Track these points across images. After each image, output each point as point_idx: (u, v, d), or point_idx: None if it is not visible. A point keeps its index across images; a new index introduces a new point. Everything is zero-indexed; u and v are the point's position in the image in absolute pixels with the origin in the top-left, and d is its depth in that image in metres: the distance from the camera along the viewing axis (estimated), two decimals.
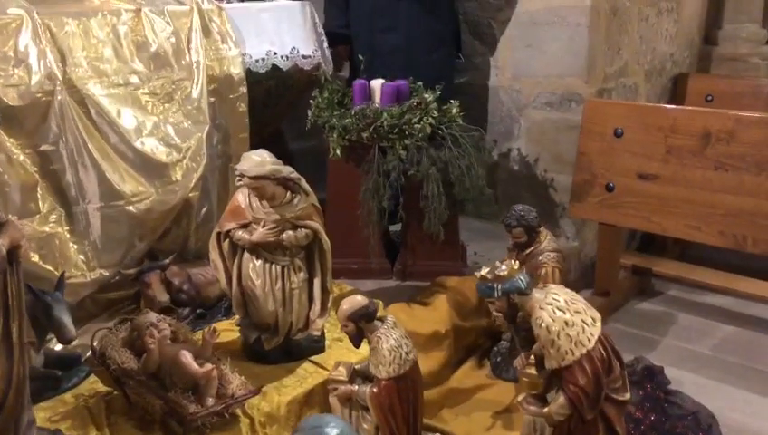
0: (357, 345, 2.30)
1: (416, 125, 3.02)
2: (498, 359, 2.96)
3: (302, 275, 2.58)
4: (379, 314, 2.29)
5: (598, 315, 1.92)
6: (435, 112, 3.03)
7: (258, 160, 2.37)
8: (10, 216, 1.85)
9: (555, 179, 3.82)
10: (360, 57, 3.35)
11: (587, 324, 1.87)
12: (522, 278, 1.92)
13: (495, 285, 1.92)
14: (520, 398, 2.00)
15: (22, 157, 2.48)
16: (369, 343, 2.28)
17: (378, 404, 2.21)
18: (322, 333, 2.69)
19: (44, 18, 2.54)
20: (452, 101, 3.25)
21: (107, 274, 2.73)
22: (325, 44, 3.39)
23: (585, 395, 1.84)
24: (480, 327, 3.12)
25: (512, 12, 3.79)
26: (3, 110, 2.41)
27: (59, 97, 2.50)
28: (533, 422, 2.06)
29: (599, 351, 1.87)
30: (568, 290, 1.97)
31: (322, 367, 2.55)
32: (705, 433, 2.45)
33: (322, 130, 3.11)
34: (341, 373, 2.34)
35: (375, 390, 2.22)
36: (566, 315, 1.86)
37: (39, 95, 2.47)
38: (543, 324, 1.86)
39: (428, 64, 3.50)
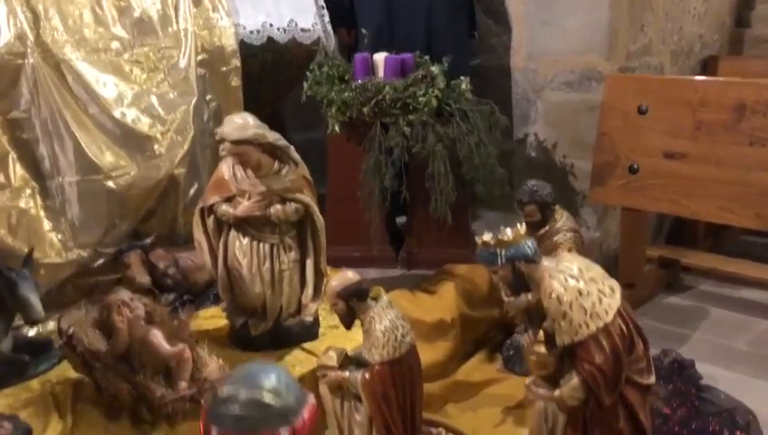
0: (348, 326, 2.07)
1: (420, 98, 2.80)
2: (511, 352, 2.70)
3: (292, 254, 2.36)
4: (374, 294, 2.07)
5: (617, 285, 1.67)
6: (441, 84, 2.79)
7: (240, 123, 2.16)
8: None
9: (575, 165, 3.56)
10: (364, 31, 3.14)
11: (604, 295, 1.62)
12: (529, 244, 1.67)
13: (499, 251, 1.68)
14: (528, 380, 1.74)
15: None
16: (362, 324, 2.05)
17: (370, 392, 1.97)
18: (316, 319, 2.46)
19: None
20: (462, 77, 3.03)
21: (85, 254, 2.54)
22: (326, 18, 3.19)
23: (602, 375, 1.58)
24: (491, 318, 2.87)
25: None
26: None
27: (30, 60, 2.34)
28: (544, 411, 1.80)
29: (618, 325, 1.62)
30: (583, 258, 1.72)
31: (314, 355, 2.31)
32: (742, 431, 2.16)
33: (320, 105, 2.90)
34: (331, 358, 2.09)
35: (367, 376, 1.98)
36: (580, 284, 1.61)
37: (8, 57, 2.30)
38: (554, 295, 1.61)
39: (448, 32, 3.31)
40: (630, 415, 1.67)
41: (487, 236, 1.70)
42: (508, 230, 1.69)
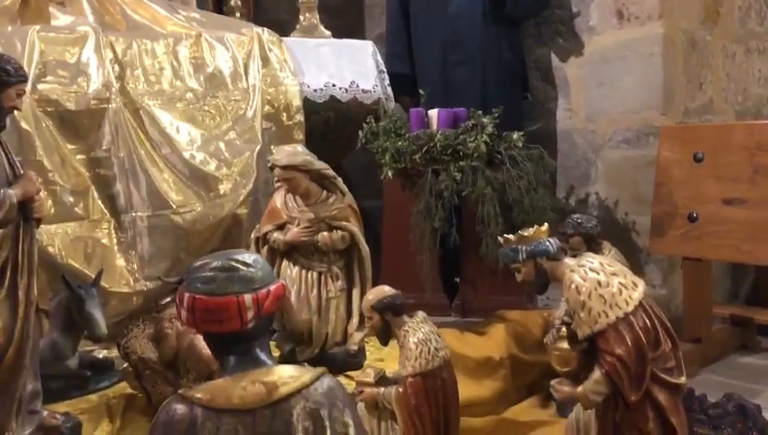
0: (383, 342, 2.11)
1: (470, 144, 2.90)
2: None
3: (339, 283, 2.46)
4: None
5: (641, 282, 1.65)
6: (490, 129, 2.90)
7: (290, 151, 2.34)
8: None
9: (637, 222, 3.52)
10: (422, 91, 3.32)
11: (625, 287, 1.61)
12: (550, 241, 1.70)
13: (520, 247, 1.71)
14: (553, 382, 1.72)
15: (75, 161, 2.58)
16: (398, 340, 2.08)
17: (404, 405, 1.98)
18: (361, 349, 2.51)
19: (109, 36, 2.72)
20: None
21: (151, 286, 2.71)
22: (386, 81, 3.40)
23: (624, 366, 1.55)
24: (545, 364, 2.80)
25: (582, 52, 3.69)
26: (61, 114, 2.55)
27: (113, 106, 2.62)
28: (576, 424, 1.76)
29: (641, 318, 1.59)
30: (610, 259, 1.73)
31: None
32: None
33: (377, 161, 3.05)
34: (369, 375, 2.13)
35: (401, 389, 2.00)
36: (599, 276, 1.62)
37: (95, 102, 2.59)
38: (573, 286, 1.62)
39: (501, 97, 3.43)
40: (661, 417, 1.60)
41: (508, 235, 1.74)
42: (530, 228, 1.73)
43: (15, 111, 2.05)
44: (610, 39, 3.54)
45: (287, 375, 1.14)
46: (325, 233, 2.40)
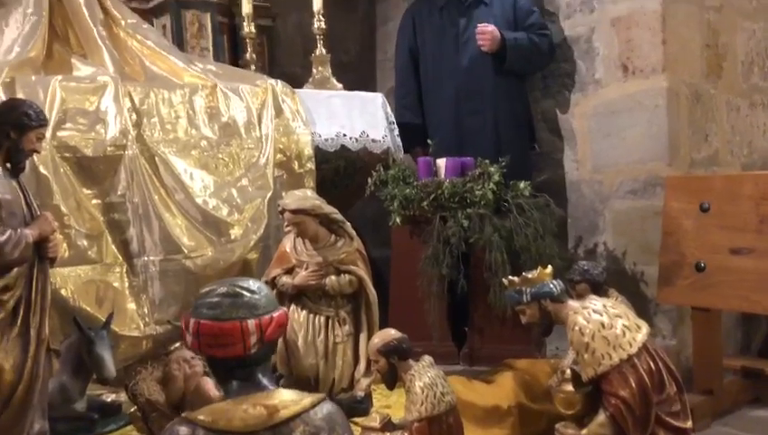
0: (389, 386, 2.11)
1: (477, 192, 2.95)
2: None
3: (346, 328, 2.47)
4: None
5: (644, 324, 1.67)
6: (497, 177, 2.95)
7: (300, 195, 2.39)
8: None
9: (645, 272, 3.52)
10: (429, 142, 3.39)
11: (629, 329, 1.62)
12: (554, 283, 1.72)
13: (524, 289, 1.73)
14: (558, 425, 1.71)
15: (91, 205, 2.64)
16: (404, 384, 2.09)
17: None
18: (368, 396, 2.50)
19: (128, 86, 2.81)
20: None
21: (161, 330, 2.74)
22: (396, 132, 3.48)
23: (628, 409, 1.55)
24: (554, 414, 2.77)
25: (589, 104, 3.76)
26: (79, 160, 2.63)
27: (129, 152, 2.70)
28: None
29: (645, 360, 1.60)
30: (613, 300, 1.74)
31: None
32: None
33: (382, 201, 3.10)
34: (374, 419, 2.13)
35: (406, 434, 1.99)
36: (603, 317, 1.63)
37: (112, 148, 2.67)
38: (576, 327, 1.64)
39: (513, 146, 3.51)
40: None
41: (513, 277, 1.76)
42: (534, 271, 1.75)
43: (35, 156, 2.13)
44: (616, 92, 3.61)
45: (288, 399, 1.16)
46: (333, 277, 2.43)
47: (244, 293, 1.16)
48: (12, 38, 2.90)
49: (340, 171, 3.37)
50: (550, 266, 1.76)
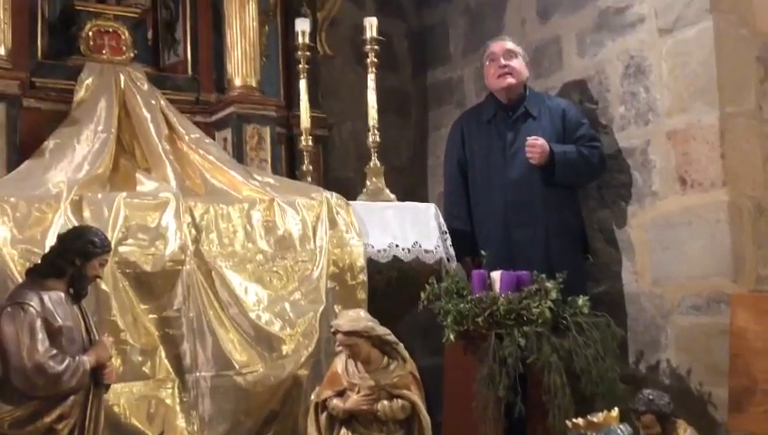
0: None
1: (534, 310, 2.87)
2: None
3: None
4: None
5: None
6: (554, 295, 2.88)
7: (353, 316, 2.37)
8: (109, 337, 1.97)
9: (713, 394, 3.33)
10: (483, 253, 3.35)
11: None
12: (621, 428, 1.63)
13: (589, 434, 1.64)
14: None
15: (147, 320, 2.67)
16: None
17: None
18: None
19: (189, 202, 2.89)
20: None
21: None
22: (448, 242, 3.47)
23: None
24: None
25: (646, 216, 3.69)
26: (138, 275, 2.68)
27: (187, 267, 2.74)
28: None
29: None
30: None
31: None
32: None
33: (436, 319, 3.05)
34: None
35: None
36: None
37: (170, 264, 2.72)
38: None
39: (565, 257, 3.45)
40: None
41: (577, 419, 1.68)
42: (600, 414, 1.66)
43: None
44: (674, 204, 3.54)
45: None
46: (385, 402, 2.37)
47: None
48: (82, 154, 3.04)
49: (393, 282, 3.35)
50: (616, 409, 1.68)
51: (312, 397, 2.50)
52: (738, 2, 3.47)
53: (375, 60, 3.62)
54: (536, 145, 3.57)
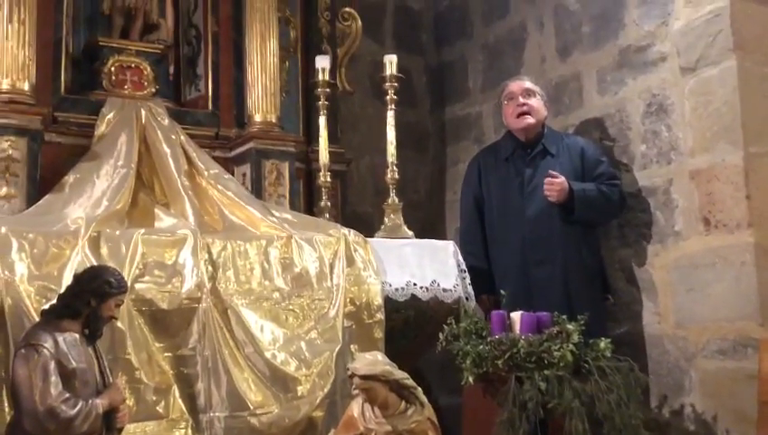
0: None
1: (555, 353, 2.80)
2: None
3: None
4: None
5: None
6: (576, 338, 2.81)
7: (370, 360, 2.33)
8: (123, 377, 1.93)
9: None
10: (503, 292, 3.30)
11: None
12: None
13: None
14: None
15: (162, 358, 2.64)
16: None
17: None
18: None
19: (206, 238, 2.87)
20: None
21: None
22: (467, 280, 3.42)
23: None
24: None
25: (669, 256, 3.62)
26: (153, 313, 2.65)
27: (203, 305, 2.71)
28: None
29: None
30: None
31: None
32: None
33: (454, 356, 2.99)
34: None
35: None
36: None
37: (186, 302, 2.69)
38: None
39: (585, 297, 3.40)
40: None
41: None
42: None
43: None
44: (698, 245, 3.47)
45: None
46: None
47: None
48: (102, 190, 3.04)
49: (410, 321, 3.30)
50: None
51: None
52: (762, 40, 3.43)
53: (395, 97, 3.62)
54: (555, 182, 3.53)
